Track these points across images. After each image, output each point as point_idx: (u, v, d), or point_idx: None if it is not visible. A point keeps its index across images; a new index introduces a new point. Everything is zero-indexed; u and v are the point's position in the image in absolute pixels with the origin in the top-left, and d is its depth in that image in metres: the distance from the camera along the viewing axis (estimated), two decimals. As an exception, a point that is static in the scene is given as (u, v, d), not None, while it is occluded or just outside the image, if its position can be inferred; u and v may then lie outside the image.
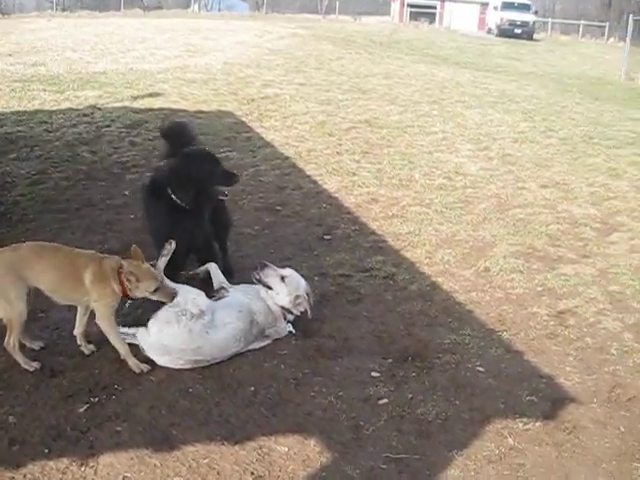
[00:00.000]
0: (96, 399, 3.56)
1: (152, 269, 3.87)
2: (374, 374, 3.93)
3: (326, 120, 10.74)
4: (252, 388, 3.72)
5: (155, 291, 3.83)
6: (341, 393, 3.72)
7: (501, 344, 4.32)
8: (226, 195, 4.66)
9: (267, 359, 4.03)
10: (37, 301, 4.61)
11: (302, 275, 4.50)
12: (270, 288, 4.32)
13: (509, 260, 5.58)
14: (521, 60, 25.33)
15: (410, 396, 3.72)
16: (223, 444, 3.25)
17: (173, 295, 3.92)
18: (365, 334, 4.41)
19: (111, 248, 5.38)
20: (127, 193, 6.94)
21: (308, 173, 7.85)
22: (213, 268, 4.54)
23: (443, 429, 3.47)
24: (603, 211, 6.95)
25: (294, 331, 4.31)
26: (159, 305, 3.96)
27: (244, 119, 10.57)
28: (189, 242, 4.40)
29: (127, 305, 4.23)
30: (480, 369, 4.04)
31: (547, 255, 5.76)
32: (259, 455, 3.19)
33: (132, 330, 4.03)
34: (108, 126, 9.67)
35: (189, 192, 4.33)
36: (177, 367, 3.85)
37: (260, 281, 4.34)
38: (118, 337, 3.88)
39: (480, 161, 8.78)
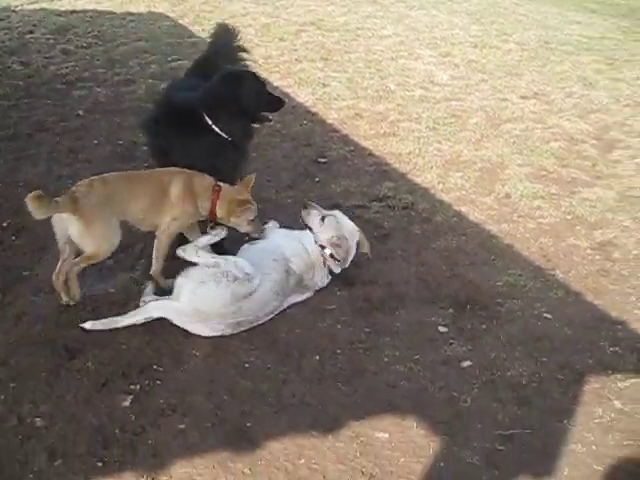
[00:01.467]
0: (137, 386, 2.89)
1: None
2: (441, 329, 3.46)
3: (270, 22, 9.69)
4: (317, 357, 3.17)
5: (252, 221, 3.54)
6: (417, 356, 3.24)
7: (558, 285, 3.95)
8: (270, 121, 3.87)
9: (318, 318, 3.46)
10: (21, 259, 3.83)
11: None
12: (311, 230, 3.75)
13: (526, 184, 5.16)
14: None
15: (492, 355, 3.30)
16: (312, 435, 2.70)
17: (263, 230, 3.69)
18: (408, 278, 3.92)
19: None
20: (82, 113, 5.93)
21: (275, 84, 6.99)
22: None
23: (541, 394, 3.08)
24: (593, 125, 6.61)
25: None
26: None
27: (181, 22, 9.36)
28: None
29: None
30: (548, 316, 3.66)
31: (560, 177, 5.38)
32: (360, 447, 2.67)
33: (148, 297, 3.38)
34: (31, 32, 8.31)
35: (235, 121, 3.54)
36: (216, 334, 3.21)
37: (304, 222, 3.79)
38: (165, 253, 3.48)
39: (448, 69, 8.18)
